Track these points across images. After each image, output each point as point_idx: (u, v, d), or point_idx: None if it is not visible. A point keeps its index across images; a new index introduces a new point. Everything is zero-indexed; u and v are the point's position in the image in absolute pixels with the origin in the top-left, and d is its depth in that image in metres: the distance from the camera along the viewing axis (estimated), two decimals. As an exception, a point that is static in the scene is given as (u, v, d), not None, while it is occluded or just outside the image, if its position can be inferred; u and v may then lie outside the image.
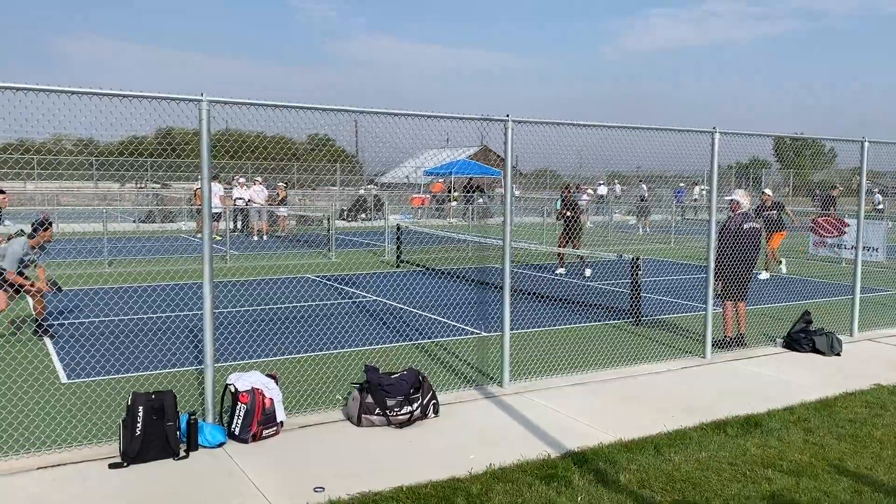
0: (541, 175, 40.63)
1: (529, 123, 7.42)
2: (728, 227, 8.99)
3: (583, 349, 8.76)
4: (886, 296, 13.15)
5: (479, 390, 7.15)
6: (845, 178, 39.90)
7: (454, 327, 10.11)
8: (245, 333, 9.40)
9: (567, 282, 14.61)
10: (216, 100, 5.93)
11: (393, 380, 6.35)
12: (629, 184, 39.85)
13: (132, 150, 36.06)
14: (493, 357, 8.34)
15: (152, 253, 18.59)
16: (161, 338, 9.12)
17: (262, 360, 8.12)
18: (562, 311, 11.30)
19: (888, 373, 7.90)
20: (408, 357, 8.38)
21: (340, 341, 9.11)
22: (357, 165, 43.81)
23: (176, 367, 7.84)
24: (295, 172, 42.08)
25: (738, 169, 39.53)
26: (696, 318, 10.50)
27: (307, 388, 7.05)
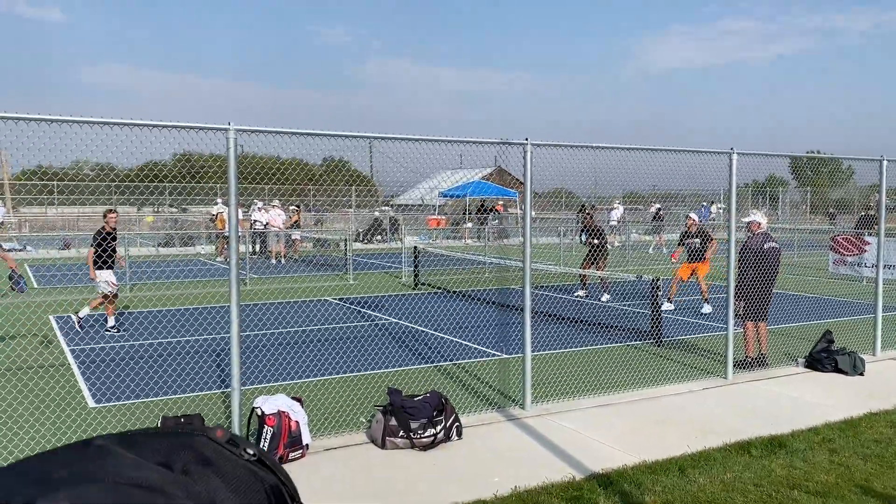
0: (556, 195, 40.73)
1: (548, 147, 7.52)
2: (749, 246, 9.01)
3: (604, 371, 8.78)
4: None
5: (501, 413, 7.19)
6: (864, 194, 39.67)
7: (474, 349, 10.16)
8: (269, 356, 9.50)
9: (586, 303, 14.63)
10: (243, 128, 6.09)
11: (416, 402, 6.40)
12: (645, 202, 39.84)
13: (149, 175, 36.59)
14: (515, 379, 8.38)
15: (173, 277, 18.81)
16: (187, 361, 9.23)
17: (286, 384, 8.20)
18: (582, 333, 11.31)
19: (913, 393, 7.85)
20: (429, 379, 8.44)
21: (362, 364, 9.18)
22: (372, 187, 44.08)
23: (203, 390, 7.94)
24: (311, 195, 42.42)
25: (754, 187, 39.43)
26: (716, 339, 10.47)
27: (331, 410, 7.12)
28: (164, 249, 27.49)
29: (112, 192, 39.97)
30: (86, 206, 42.55)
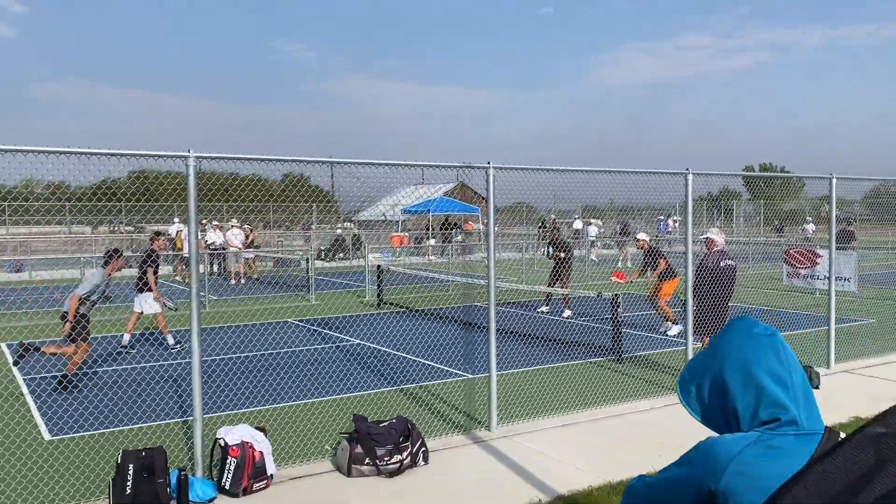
0: (517, 210, 41.07)
1: (510, 170, 7.60)
2: (705, 264, 9.20)
3: (568, 389, 8.85)
4: (860, 326, 13.44)
5: (467, 435, 7.19)
6: (814, 206, 40.81)
7: (440, 370, 10.16)
8: (231, 382, 9.36)
9: (549, 319, 14.74)
10: (203, 156, 6.04)
11: (382, 428, 6.38)
12: (605, 217, 40.41)
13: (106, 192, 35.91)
14: (481, 400, 8.39)
15: (130, 300, 18.41)
16: (146, 389, 9.05)
17: (249, 410, 8.10)
18: (545, 350, 11.40)
19: (866, 405, 8.06)
20: (395, 403, 8.41)
21: (326, 388, 9.11)
22: (333, 204, 43.90)
23: (163, 419, 7.79)
24: (270, 213, 42.06)
25: (709, 201, 40.27)
26: (676, 354, 10.65)
27: (296, 438, 7.04)
28: (123, 271, 26.92)
29: (66, 211, 39.13)
30: (38, 227, 41.56)
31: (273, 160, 6.38)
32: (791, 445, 1.55)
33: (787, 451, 1.54)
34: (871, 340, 11.84)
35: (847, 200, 38.22)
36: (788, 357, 1.68)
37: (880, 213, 37.68)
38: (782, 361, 1.66)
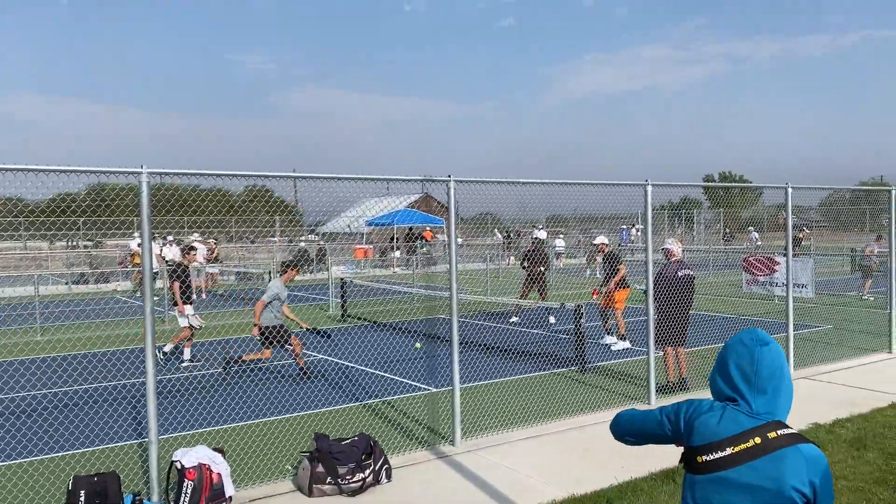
0: (482, 221, 41.17)
1: (471, 183, 7.59)
2: (664, 274, 9.28)
3: (532, 401, 8.84)
4: (818, 332, 13.69)
5: (431, 451, 7.12)
6: (772, 213, 41.63)
7: (404, 384, 10.07)
8: (189, 401, 9.15)
9: (512, 330, 14.74)
10: (156, 171, 5.90)
11: (343, 446, 6.28)
12: (568, 226, 40.70)
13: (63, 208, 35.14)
14: (445, 414, 8.33)
15: (87, 317, 17.98)
16: (100, 410, 8.80)
17: (207, 430, 7.91)
18: (509, 362, 11.39)
19: (824, 411, 8.18)
20: (358, 419, 8.30)
21: (288, 405, 8.96)
22: (297, 216, 43.57)
23: (117, 441, 7.57)
24: (232, 226, 41.55)
25: (670, 209, 40.86)
26: (638, 363, 10.71)
27: (255, 458, 6.90)
28: (77, 287, 26.34)
29: (20, 227, 38.17)
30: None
31: (226, 175, 6.26)
32: (739, 419, 2.25)
33: (734, 421, 2.25)
34: (828, 346, 12.06)
35: (804, 207, 39.19)
36: (762, 362, 2.30)
37: (834, 219, 38.66)
38: (753, 363, 2.30)
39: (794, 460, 2.14)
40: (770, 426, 2.21)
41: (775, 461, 2.14)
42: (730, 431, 2.23)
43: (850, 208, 38.62)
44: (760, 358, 2.29)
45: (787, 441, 2.18)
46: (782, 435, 2.19)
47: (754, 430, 2.20)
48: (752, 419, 2.23)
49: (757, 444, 2.17)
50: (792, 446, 2.16)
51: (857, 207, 38.70)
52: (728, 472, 2.20)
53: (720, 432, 2.25)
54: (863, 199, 37.42)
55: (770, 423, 2.23)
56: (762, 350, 2.30)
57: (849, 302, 18.24)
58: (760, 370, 2.28)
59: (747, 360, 2.30)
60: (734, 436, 2.22)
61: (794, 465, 2.13)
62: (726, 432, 2.23)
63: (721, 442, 2.23)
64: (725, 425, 2.25)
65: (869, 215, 37.19)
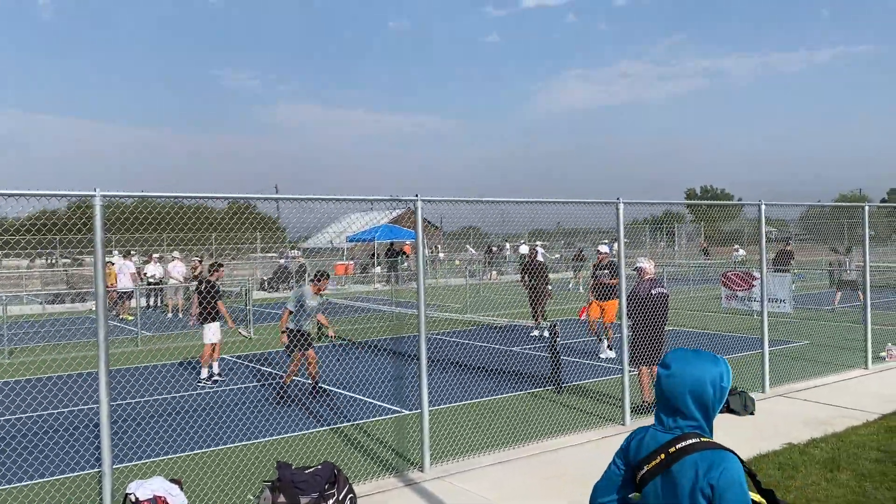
0: (465, 234, 41.08)
1: (438, 202, 7.48)
2: (637, 292, 9.18)
3: (506, 423, 8.68)
4: (795, 348, 13.63)
5: (399, 477, 6.94)
6: (754, 227, 41.87)
7: (375, 407, 9.88)
8: (151, 426, 8.92)
9: (490, 348, 14.58)
10: (109, 194, 5.74)
11: (307, 475, 6.09)
12: (552, 239, 40.72)
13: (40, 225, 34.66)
14: (414, 438, 8.15)
15: (59, 338, 17.65)
16: (61, 438, 8.54)
17: (167, 458, 7.68)
18: (484, 381, 11.22)
19: (799, 430, 8.08)
20: (324, 444, 8.10)
21: (252, 431, 8.74)
22: (279, 232, 43.31)
23: (74, 471, 7.33)
24: (213, 242, 41.18)
25: (652, 223, 40.98)
26: (614, 382, 10.58)
27: (215, 488, 6.68)
28: (51, 307, 25.92)
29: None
30: (-34, 262, 39.82)
31: (182, 196, 6.10)
32: (657, 437, 2.44)
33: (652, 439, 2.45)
34: (804, 362, 12.00)
35: (784, 220, 39.40)
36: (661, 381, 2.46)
37: (816, 232, 38.93)
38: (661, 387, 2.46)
39: (692, 468, 2.29)
40: (680, 438, 2.37)
41: (676, 471, 2.32)
42: (648, 450, 2.43)
43: (829, 222, 38.91)
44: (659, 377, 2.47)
45: (685, 451, 2.33)
46: (682, 447, 2.34)
47: (667, 444, 2.37)
48: (666, 432, 2.42)
49: (661, 459, 2.37)
50: (689, 455, 2.31)
51: (836, 221, 39.02)
52: (647, 487, 2.41)
53: (641, 451, 2.46)
54: (843, 213, 37.75)
55: (681, 435, 2.38)
56: (659, 370, 2.47)
57: (826, 317, 18.25)
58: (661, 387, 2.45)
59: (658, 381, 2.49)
60: (648, 454, 2.42)
61: (691, 472, 2.28)
62: (646, 451, 2.44)
63: (640, 461, 2.44)
64: (647, 444, 2.45)
65: (847, 229, 37.47)
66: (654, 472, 2.38)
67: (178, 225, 41.66)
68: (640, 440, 2.49)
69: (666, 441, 2.39)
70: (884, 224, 43.05)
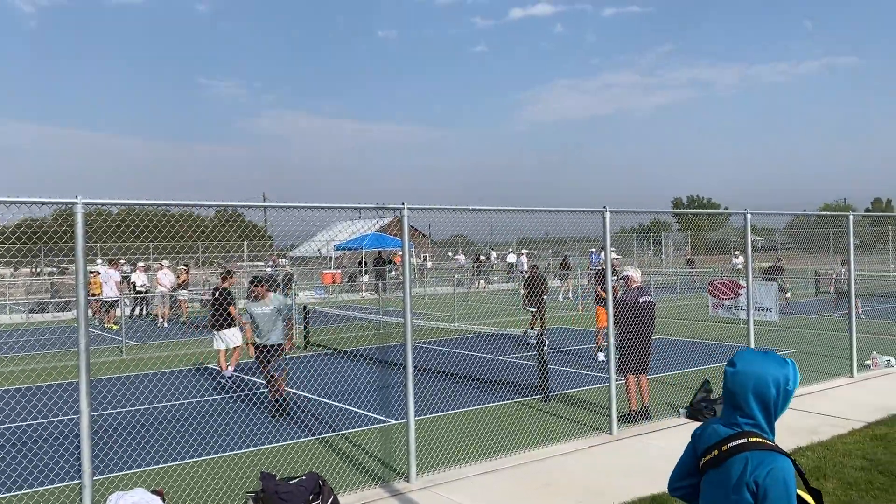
0: (453, 243, 41.08)
1: (424, 210, 7.45)
2: (624, 301, 9.18)
3: (493, 432, 8.64)
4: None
5: (384, 488, 6.87)
6: (740, 235, 42.17)
7: (362, 416, 9.81)
8: (134, 436, 8.81)
9: (477, 357, 14.53)
10: (91, 202, 5.68)
11: (291, 486, 6.02)
12: (540, 248, 40.73)
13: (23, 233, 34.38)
14: (400, 447, 8.09)
15: (42, 348, 17.46)
16: (40, 449, 8.42)
17: (148, 469, 7.58)
18: (472, 390, 11.17)
19: (785, 439, 8.07)
20: (309, 454, 8.02)
21: (236, 442, 8.64)
22: (267, 241, 43.14)
23: (54, 483, 7.21)
24: (200, 251, 40.98)
25: (640, 232, 41.13)
26: (601, 391, 10.55)
27: (198, 500, 6.59)
28: (36, 316, 25.67)
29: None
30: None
31: (165, 204, 6.05)
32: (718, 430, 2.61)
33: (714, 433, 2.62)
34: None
35: (770, 229, 39.68)
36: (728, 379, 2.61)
37: (802, 241, 39.19)
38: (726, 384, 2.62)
39: (742, 464, 2.45)
40: (736, 436, 2.54)
41: (727, 466, 2.50)
42: (708, 443, 2.63)
43: (814, 231, 39.18)
44: (726, 374, 2.62)
45: (739, 449, 2.49)
46: (736, 444, 2.50)
47: (723, 440, 2.55)
48: (726, 427, 2.59)
49: (717, 453, 2.55)
50: (740, 454, 2.47)
51: (821, 229, 39.31)
52: (705, 478, 2.62)
53: (703, 443, 2.66)
54: (829, 223, 38.04)
55: (738, 432, 2.54)
56: (726, 368, 2.62)
57: (812, 325, 18.34)
58: (726, 384, 2.61)
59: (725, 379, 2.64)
60: (707, 447, 2.62)
61: (742, 468, 2.45)
62: (705, 444, 2.64)
63: (702, 453, 2.65)
64: (709, 436, 2.64)
65: (832, 237, 37.75)
66: (709, 464, 2.59)
67: (164, 233, 41.41)
68: (705, 433, 2.68)
69: (724, 437, 2.57)
70: (868, 233, 43.42)
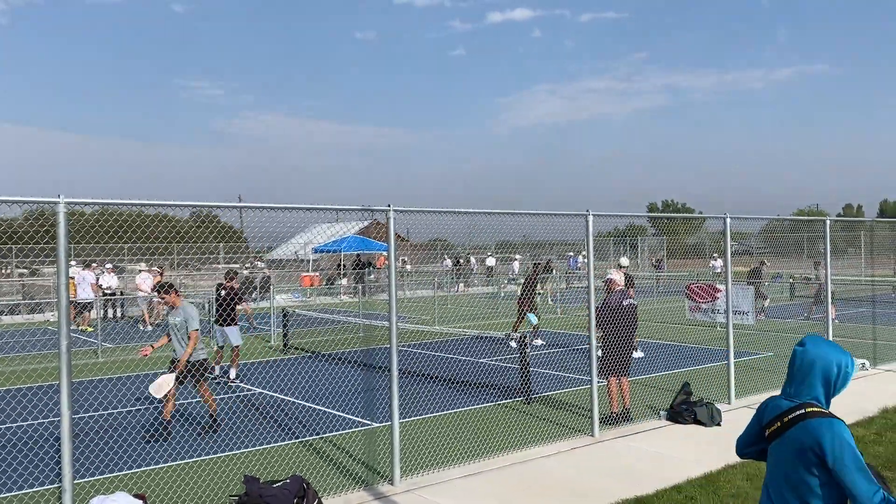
0: (432, 247, 41.04)
1: (410, 212, 7.45)
2: (608, 304, 9.24)
3: (475, 434, 8.64)
4: (759, 359, 13.85)
5: (368, 491, 6.85)
6: (715, 240, 42.65)
7: (344, 419, 9.76)
8: (114, 439, 8.69)
9: (458, 360, 14.54)
10: (74, 201, 5.61)
11: (275, 490, 5.99)
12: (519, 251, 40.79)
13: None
14: (384, 450, 8.07)
15: (11, 350, 17.15)
16: (19, 452, 8.27)
17: (130, 473, 7.48)
18: (454, 393, 11.18)
19: (765, 440, 8.18)
20: (292, 457, 7.97)
21: (218, 445, 8.56)
22: (243, 243, 42.79)
23: (33, 486, 7.09)
24: (176, 253, 40.54)
25: (616, 236, 41.42)
26: (583, 393, 10.62)
27: (181, 503, 6.52)
28: (6, 318, 25.20)
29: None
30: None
31: (148, 204, 5.99)
32: (780, 404, 3.02)
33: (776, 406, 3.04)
34: (768, 374, 12.19)
35: (745, 234, 40.17)
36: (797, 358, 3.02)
37: (772, 246, 39.72)
38: (794, 362, 3.03)
39: (804, 431, 2.84)
40: (796, 408, 2.93)
41: (793, 435, 2.89)
42: (771, 415, 3.02)
43: (789, 235, 39.75)
44: (795, 355, 3.02)
45: (799, 419, 2.89)
46: (796, 415, 2.90)
47: (785, 412, 2.95)
48: (788, 401, 2.98)
49: (780, 424, 2.95)
50: (800, 423, 2.87)
51: (796, 234, 39.89)
52: (771, 446, 3.02)
53: (767, 416, 3.06)
54: (803, 227, 38.58)
55: (798, 405, 2.93)
56: (799, 349, 3.01)
57: (788, 328, 18.59)
58: (794, 363, 3.02)
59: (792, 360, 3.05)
60: (770, 419, 3.01)
61: (803, 435, 2.84)
62: (769, 416, 3.03)
63: (766, 424, 3.05)
64: (772, 410, 3.04)
65: (807, 241, 38.32)
66: (774, 434, 2.99)
67: (139, 234, 40.86)
68: (769, 406, 3.09)
69: (786, 409, 2.97)
70: (840, 238, 44.15)
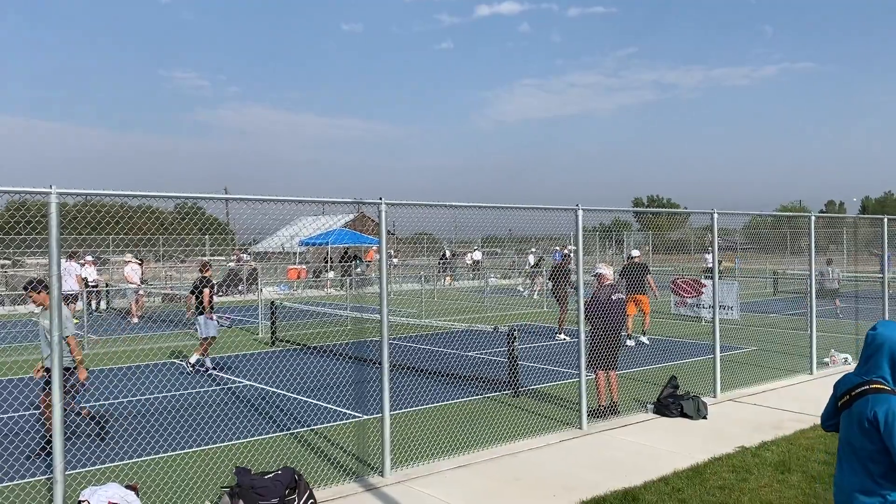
0: (418, 240, 41.05)
1: (403, 206, 7.47)
2: (597, 298, 9.31)
3: (465, 427, 8.70)
4: (743, 353, 14.00)
5: (359, 482, 6.89)
6: (699, 235, 42.95)
7: (334, 412, 9.79)
8: (103, 432, 8.66)
9: (448, 353, 14.60)
10: (66, 191, 5.58)
11: (266, 481, 6.01)
12: (504, 246, 40.96)
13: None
14: (374, 443, 8.11)
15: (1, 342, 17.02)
16: (10, 443, 8.23)
17: (121, 464, 7.48)
18: (443, 386, 11.23)
19: (750, 434, 8.30)
20: (283, 449, 8.00)
21: (209, 436, 8.57)
22: (229, 235, 42.56)
23: (24, 477, 7.07)
24: (161, 245, 40.27)
25: (601, 231, 41.62)
26: (571, 386, 10.71)
27: (172, 494, 6.53)
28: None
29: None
30: None
31: (138, 195, 5.98)
32: (851, 379, 3.36)
33: (848, 381, 3.39)
34: (753, 368, 12.34)
35: (728, 230, 40.52)
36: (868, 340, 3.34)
37: (758, 242, 40.07)
38: (867, 343, 3.35)
39: (866, 404, 3.19)
40: (862, 384, 3.26)
41: (857, 407, 3.23)
42: (841, 389, 3.38)
43: (772, 231, 40.12)
44: (869, 337, 3.34)
45: (864, 393, 3.23)
46: (861, 390, 3.24)
47: (853, 387, 3.29)
48: (857, 378, 3.32)
49: (849, 398, 3.30)
50: (864, 397, 3.21)
51: (778, 230, 40.25)
52: (841, 417, 3.36)
53: (839, 389, 3.41)
54: (785, 223, 38.95)
55: (864, 381, 3.26)
56: (872, 334, 3.33)
57: (772, 323, 18.80)
58: (867, 345, 3.33)
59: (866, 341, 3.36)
60: (841, 393, 3.37)
61: (865, 407, 3.18)
62: (840, 390, 3.39)
63: (838, 397, 3.41)
64: (843, 384, 3.39)
65: (790, 238, 38.70)
66: (844, 406, 3.34)
67: (123, 226, 40.55)
68: (842, 382, 3.42)
69: (854, 384, 3.31)
70: (822, 234, 44.63)
